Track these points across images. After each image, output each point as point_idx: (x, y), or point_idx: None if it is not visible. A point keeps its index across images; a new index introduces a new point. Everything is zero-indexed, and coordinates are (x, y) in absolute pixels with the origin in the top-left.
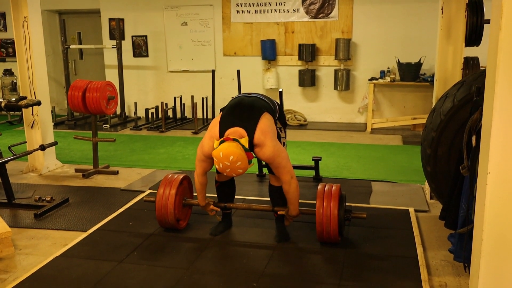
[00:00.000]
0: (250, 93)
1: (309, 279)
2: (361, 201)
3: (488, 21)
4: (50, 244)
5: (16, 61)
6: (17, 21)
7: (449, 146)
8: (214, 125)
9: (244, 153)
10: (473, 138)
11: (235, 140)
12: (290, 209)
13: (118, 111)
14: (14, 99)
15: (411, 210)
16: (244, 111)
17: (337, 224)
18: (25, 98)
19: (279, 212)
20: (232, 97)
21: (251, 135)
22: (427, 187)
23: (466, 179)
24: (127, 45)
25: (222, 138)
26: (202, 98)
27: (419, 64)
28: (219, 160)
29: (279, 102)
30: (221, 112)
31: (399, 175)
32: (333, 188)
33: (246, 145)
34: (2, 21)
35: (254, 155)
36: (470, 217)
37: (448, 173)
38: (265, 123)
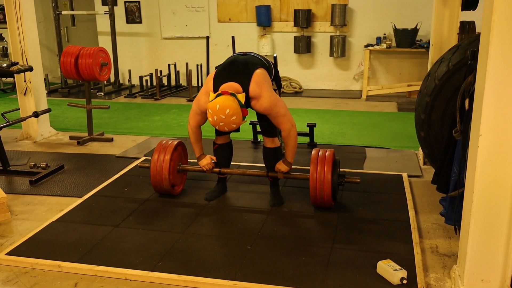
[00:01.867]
0: (245, 52)
1: (303, 242)
2: (355, 167)
3: None
4: (46, 210)
5: (7, 28)
6: None
7: (443, 111)
8: (209, 80)
9: (240, 108)
10: (466, 101)
11: (232, 94)
12: (287, 156)
13: (112, 79)
14: (5, 64)
15: (404, 175)
16: (239, 67)
17: (330, 188)
18: (17, 63)
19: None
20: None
21: (246, 88)
22: (420, 153)
23: (458, 143)
24: (119, 11)
25: (219, 92)
26: (197, 65)
27: (415, 30)
28: (214, 113)
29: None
30: (216, 69)
31: (393, 142)
32: (327, 153)
33: (243, 101)
34: None
35: (252, 108)
36: (461, 180)
37: (442, 138)
38: (260, 75)
